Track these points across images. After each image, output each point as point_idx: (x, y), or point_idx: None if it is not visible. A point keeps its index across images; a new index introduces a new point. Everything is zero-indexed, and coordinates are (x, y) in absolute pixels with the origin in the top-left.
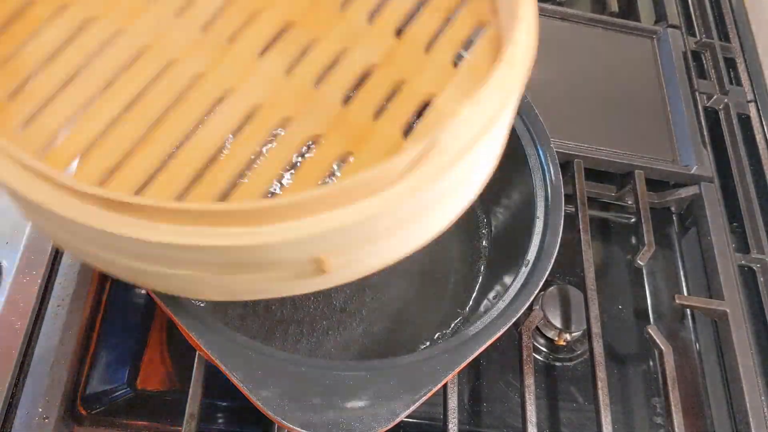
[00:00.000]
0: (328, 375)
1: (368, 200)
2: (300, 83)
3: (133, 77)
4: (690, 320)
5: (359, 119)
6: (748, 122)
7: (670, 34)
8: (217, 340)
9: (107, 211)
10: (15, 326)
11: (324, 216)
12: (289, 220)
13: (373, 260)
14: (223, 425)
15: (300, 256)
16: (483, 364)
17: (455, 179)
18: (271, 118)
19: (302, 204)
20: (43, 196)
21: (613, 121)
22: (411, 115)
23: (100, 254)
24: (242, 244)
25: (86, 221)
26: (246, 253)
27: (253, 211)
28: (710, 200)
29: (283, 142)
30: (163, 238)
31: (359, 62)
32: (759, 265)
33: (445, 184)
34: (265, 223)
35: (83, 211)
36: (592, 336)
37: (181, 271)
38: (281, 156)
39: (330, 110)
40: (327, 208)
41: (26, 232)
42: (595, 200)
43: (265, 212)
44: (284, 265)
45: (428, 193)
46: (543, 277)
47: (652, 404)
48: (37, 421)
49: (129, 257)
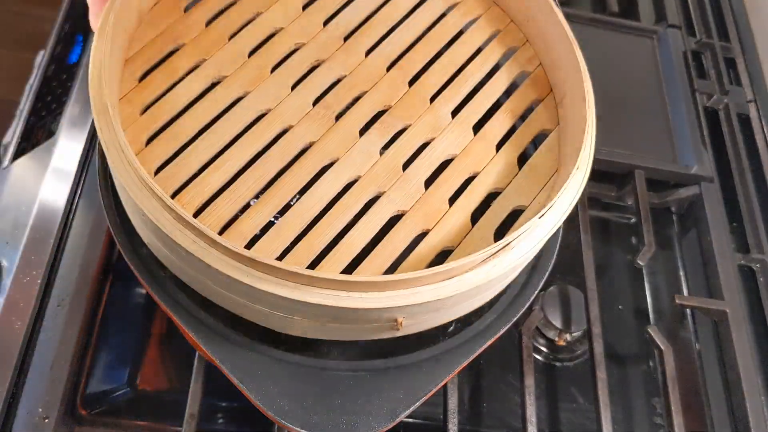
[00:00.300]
0: (328, 375)
1: (447, 282)
2: (392, 163)
3: (256, 137)
4: (690, 320)
5: (437, 203)
6: (748, 122)
7: (670, 34)
8: (217, 340)
9: (247, 266)
10: (15, 326)
11: (413, 291)
12: (387, 290)
13: (436, 321)
14: (223, 425)
15: (385, 317)
16: (483, 364)
17: (518, 266)
18: (367, 190)
19: (400, 282)
20: (193, 246)
21: (613, 121)
22: (478, 203)
23: (222, 292)
24: (352, 306)
25: (232, 274)
26: (350, 312)
27: (359, 283)
28: (710, 200)
29: (375, 213)
30: (295, 295)
31: (442, 152)
32: (759, 265)
33: (510, 272)
34: (366, 291)
35: (227, 264)
36: (593, 336)
37: (286, 315)
38: (371, 226)
39: (414, 191)
40: (416, 285)
41: (26, 232)
42: (595, 200)
43: (368, 284)
44: (370, 321)
45: (496, 279)
46: (543, 277)
47: (652, 404)
48: (37, 421)
49: (252, 301)
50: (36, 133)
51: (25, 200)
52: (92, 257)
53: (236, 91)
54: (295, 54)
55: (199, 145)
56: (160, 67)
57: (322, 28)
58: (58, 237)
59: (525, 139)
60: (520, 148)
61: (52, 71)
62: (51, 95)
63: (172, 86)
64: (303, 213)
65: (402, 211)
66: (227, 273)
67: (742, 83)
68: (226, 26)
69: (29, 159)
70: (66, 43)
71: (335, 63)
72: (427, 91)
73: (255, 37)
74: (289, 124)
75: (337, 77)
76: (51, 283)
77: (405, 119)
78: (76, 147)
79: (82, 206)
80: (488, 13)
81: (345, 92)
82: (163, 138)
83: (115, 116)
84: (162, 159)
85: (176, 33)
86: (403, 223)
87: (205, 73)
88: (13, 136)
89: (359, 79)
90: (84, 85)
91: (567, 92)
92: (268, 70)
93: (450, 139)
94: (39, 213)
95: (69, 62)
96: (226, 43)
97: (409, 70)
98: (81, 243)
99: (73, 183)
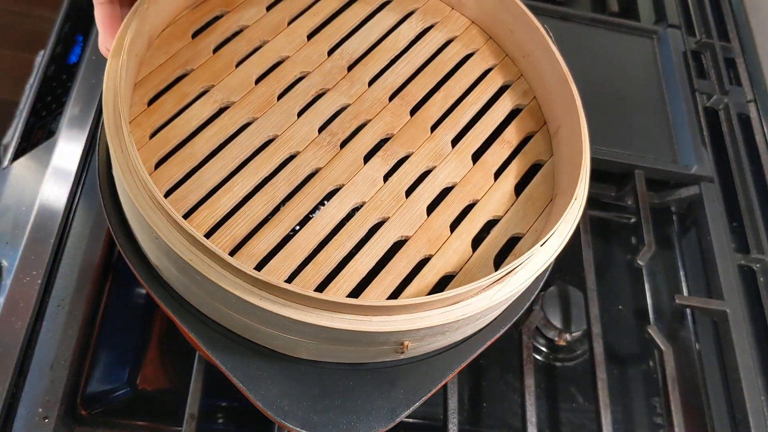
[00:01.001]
0: (328, 375)
1: (454, 307)
2: (395, 189)
3: (264, 162)
4: (690, 320)
5: (439, 229)
6: (748, 122)
7: (670, 34)
8: (218, 340)
9: (257, 288)
10: (15, 326)
11: (421, 315)
12: (396, 314)
13: (439, 344)
14: (223, 425)
15: (392, 340)
16: (483, 364)
17: (518, 292)
18: (372, 216)
19: (409, 306)
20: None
21: (613, 121)
22: (478, 230)
23: (233, 314)
24: (362, 329)
25: (242, 295)
26: (360, 336)
27: (367, 307)
28: (710, 200)
29: (380, 238)
30: (304, 317)
31: (443, 180)
32: (759, 265)
33: (511, 297)
34: (377, 315)
35: (237, 285)
36: (593, 336)
37: (293, 337)
38: (376, 251)
39: (417, 217)
40: (425, 309)
41: (26, 232)
42: (595, 200)
43: (378, 308)
44: (378, 344)
45: (499, 304)
46: (543, 278)
47: (652, 404)
48: (37, 421)
49: (261, 323)
50: (36, 133)
51: (25, 200)
52: (92, 257)
53: (244, 116)
54: (301, 82)
55: (209, 169)
56: (169, 91)
57: (326, 57)
58: (58, 237)
59: (521, 168)
60: (517, 177)
61: (52, 71)
62: (51, 95)
63: (181, 111)
64: (310, 237)
65: (406, 236)
66: (237, 294)
67: (742, 83)
68: (233, 53)
69: (29, 159)
70: (66, 43)
71: (339, 92)
72: (428, 121)
73: (262, 64)
74: (296, 150)
75: (342, 105)
76: (51, 283)
77: (407, 147)
78: (76, 147)
79: (82, 206)
80: (485, 47)
81: (349, 120)
82: (173, 162)
83: (130, 140)
84: (171, 182)
85: (185, 58)
86: (407, 248)
87: (213, 99)
88: (13, 136)
89: (363, 108)
90: (84, 86)
91: (561, 124)
92: (275, 96)
93: (450, 168)
94: (39, 213)
95: (69, 62)
96: (234, 70)
97: (411, 100)
98: (81, 243)
99: (73, 183)
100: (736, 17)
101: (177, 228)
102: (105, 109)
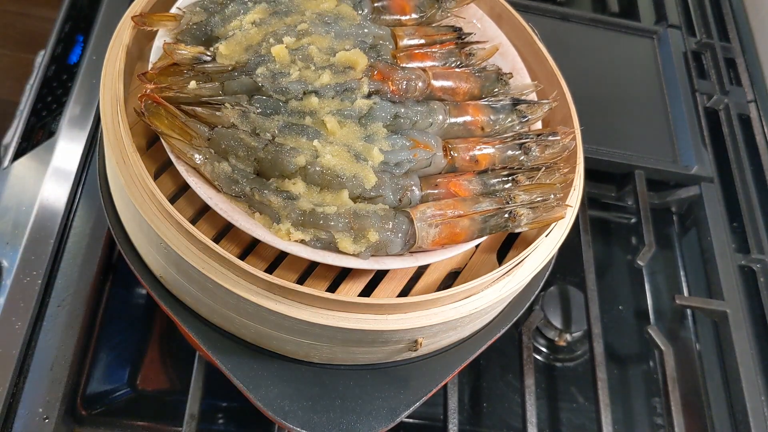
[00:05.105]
0: (328, 375)
1: (466, 301)
2: None
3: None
4: (690, 320)
5: None
6: (748, 122)
7: (670, 34)
8: (218, 340)
9: (271, 293)
10: (15, 326)
11: (435, 311)
12: (411, 311)
13: (452, 339)
14: (223, 425)
15: (407, 338)
16: (483, 364)
17: (527, 280)
18: None
19: (423, 303)
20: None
21: (613, 121)
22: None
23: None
24: (378, 328)
25: (258, 301)
26: (375, 334)
27: (383, 305)
28: (710, 200)
29: None
30: (318, 319)
31: None
32: (759, 265)
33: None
34: (391, 313)
35: (253, 291)
36: (593, 336)
37: (307, 341)
38: None
39: None
40: (438, 305)
41: (26, 232)
42: (595, 200)
43: (394, 306)
44: (393, 343)
45: (508, 296)
46: (543, 278)
47: (653, 404)
48: (37, 421)
49: (276, 329)
50: (36, 133)
51: (25, 200)
52: (92, 257)
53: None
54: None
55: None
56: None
57: None
58: (58, 237)
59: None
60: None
61: (52, 71)
62: (51, 95)
63: None
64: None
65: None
66: (252, 299)
67: (743, 83)
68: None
69: (29, 159)
70: (66, 43)
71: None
72: None
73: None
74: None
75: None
76: (51, 283)
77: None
78: (76, 147)
79: (82, 206)
80: None
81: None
82: (171, 172)
83: (132, 149)
84: (172, 192)
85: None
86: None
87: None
88: (13, 136)
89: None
90: (84, 86)
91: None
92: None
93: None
94: (39, 213)
95: (69, 62)
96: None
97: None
98: (81, 243)
99: (73, 183)
100: (736, 17)
101: (186, 236)
102: (103, 119)
